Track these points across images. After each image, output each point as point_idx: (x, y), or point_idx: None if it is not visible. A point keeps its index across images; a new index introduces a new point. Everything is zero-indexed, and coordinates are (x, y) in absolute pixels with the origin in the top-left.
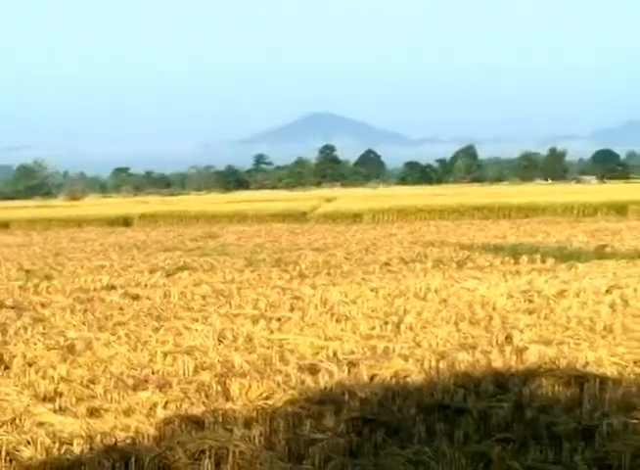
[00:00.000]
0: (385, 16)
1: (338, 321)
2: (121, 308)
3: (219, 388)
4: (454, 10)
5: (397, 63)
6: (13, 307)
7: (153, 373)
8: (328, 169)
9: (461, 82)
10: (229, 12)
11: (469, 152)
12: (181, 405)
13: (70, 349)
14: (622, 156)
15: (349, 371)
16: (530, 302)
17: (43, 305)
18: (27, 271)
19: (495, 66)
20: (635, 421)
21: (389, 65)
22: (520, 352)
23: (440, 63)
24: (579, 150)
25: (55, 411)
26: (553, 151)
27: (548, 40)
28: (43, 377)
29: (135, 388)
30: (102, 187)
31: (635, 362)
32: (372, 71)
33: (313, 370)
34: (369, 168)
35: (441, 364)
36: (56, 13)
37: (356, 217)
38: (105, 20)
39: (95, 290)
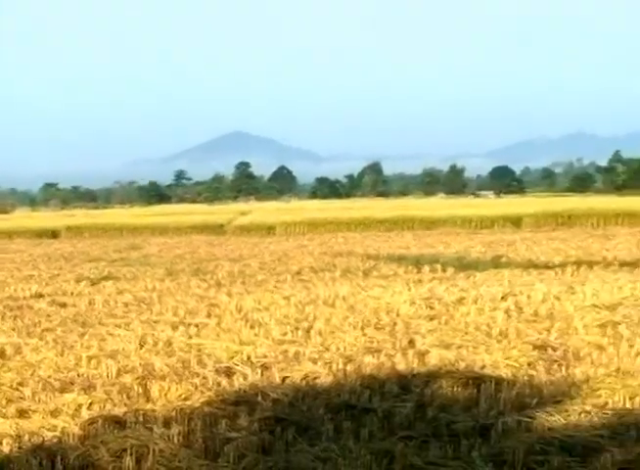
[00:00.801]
0: (295, 37)
1: (252, 327)
2: (49, 315)
3: (140, 390)
4: (363, 28)
5: (308, 84)
6: None
7: (78, 376)
8: (243, 185)
9: (368, 103)
10: (153, 34)
11: (375, 168)
12: (104, 406)
13: (1, 353)
14: (518, 172)
15: (262, 374)
16: (432, 308)
17: None
18: None
19: (400, 90)
20: (528, 419)
21: (301, 86)
22: (422, 355)
23: (348, 84)
24: (477, 167)
25: None
26: (453, 167)
27: (450, 70)
28: None
29: (61, 390)
30: (31, 201)
31: (528, 365)
32: (284, 92)
33: (229, 373)
34: (282, 184)
35: (348, 367)
36: None
37: (270, 230)
38: (34, 38)
39: (24, 298)
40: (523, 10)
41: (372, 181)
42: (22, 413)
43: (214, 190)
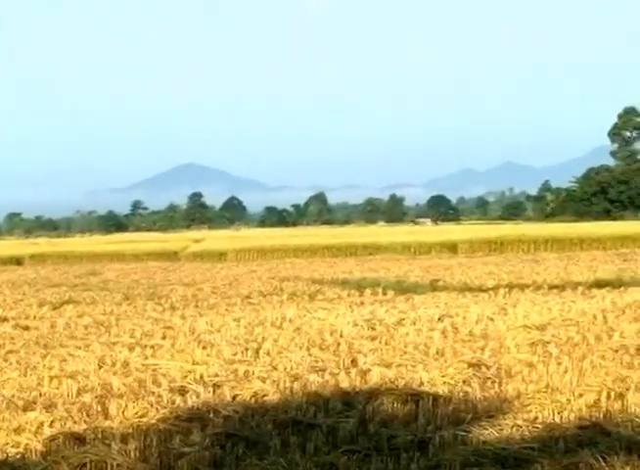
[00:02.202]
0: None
1: (204, 348)
2: (13, 338)
3: (99, 408)
4: (310, 60)
5: (256, 117)
6: None
7: (40, 395)
8: (196, 214)
9: (313, 135)
10: (109, 67)
11: (320, 198)
12: (65, 424)
13: None
14: (453, 201)
15: (214, 392)
16: (373, 329)
17: None
18: None
19: (342, 123)
20: (464, 433)
21: (250, 119)
22: (364, 373)
23: (295, 117)
24: (416, 196)
25: None
26: (393, 197)
27: (385, 104)
28: None
29: (24, 408)
30: None
31: (464, 382)
32: (233, 125)
33: (182, 391)
34: (233, 213)
35: (295, 385)
36: None
37: (221, 256)
38: None
39: None
40: (458, 43)
41: (317, 210)
42: None
43: (169, 219)
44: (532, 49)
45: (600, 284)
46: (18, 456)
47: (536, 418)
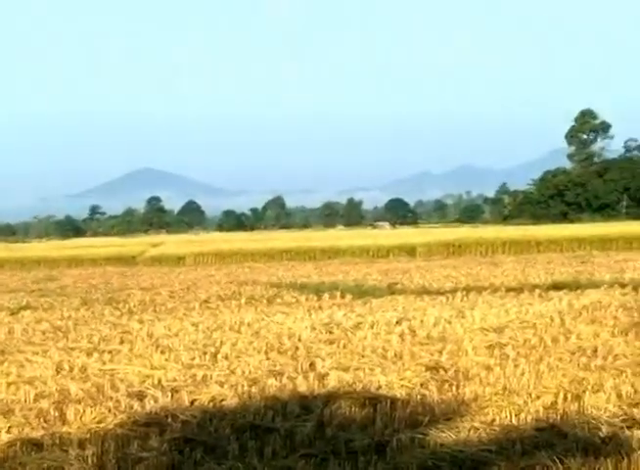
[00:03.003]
0: (201, 77)
1: (162, 352)
2: None
3: (57, 413)
4: (270, 68)
5: (214, 122)
6: None
7: None
8: (154, 218)
9: (271, 139)
10: (64, 71)
11: (278, 202)
12: (23, 430)
13: None
14: (412, 204)
15: (172, 397)
16: (331, 333)
17: None
18: None
19: (297, 127)
20: (421, 436)
21: (207, 123)
22: (322, 377)
23: (252, 122)
24: (374, 199)
25: None
26: (351, 200)
27: (343, 107)
28: None
29: None
30: None
31: (421, 385)
32: (191, 129)
33: (140, 396)
34: (191, 217)
35: (253, 389)
36: None
37: (180, 260)
38: None
39: None
40: (413, 48)
41: (275, 214)
42: None
43: (127, 223)
44: (487, 51)
45: (557, 286)
46: None
47: (493, 420)
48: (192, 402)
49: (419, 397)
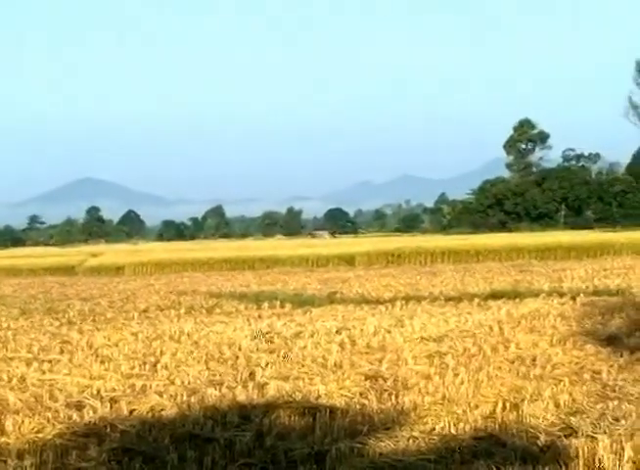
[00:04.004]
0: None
1: (102, 362)
2: None
3: None
4: (209, 80)
5: (153, 131)
6: None
7: None
8: (94, 228)
9: (211, 148)
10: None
11: (218, 211)
12: None
13: None
14: (351, 214)
15: (111, 407)
16: (271, 342)
17: None
18: None
19: (238, 136)
20: (360, 445)
21: (146, 133)
22: (261, 387)
23: (190, 130)
24: (314, 209)
25: None
26: (291, 210)
27: (282, 117)
28: None
29: None
30: None
31: (361, 394)
32: (130, 139)
33: (79, 406)
34: (130, 227)
35: (192, 399)
36: None
37: (119, 270)
38: None
39: None
40: (348, 57)
41: (215, 224)
42: None
43: (66, 233)
44: (425, 61)
45: (496, 295)
46: None
47: (433, 429)
48: (131, 412)
49: (358, 406)
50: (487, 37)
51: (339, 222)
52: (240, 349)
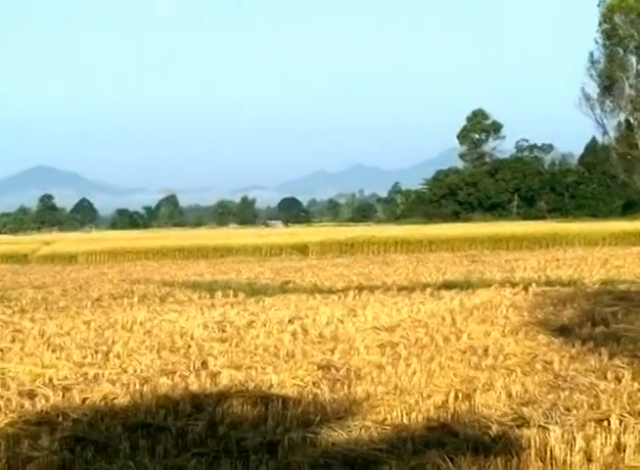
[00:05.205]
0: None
1: (54, 351)
2: None
3: None
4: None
5: (106, 118)
6: None
7: None
8: (47, 216)
9: (155, 136)
10: None
11: (171, 200)
12: None
13: None
14: (305, 203)
15: (64, 395)
16: (224, 331)
17: None
18: None
19: (190, 123)
20: (313, 435)
21: (99, 120)
22: (214, 376)
23: (145, 117)
24: (267, 198)
25: None
26: (245, 199)
27: (231, 106)
28: None
29: None
30: None
31: (313, 384)
32: (83, 128)
33: (31, 395)
34: (84, 215)
35: (145, 388)
36: None
37: (72, 259)
38: None
39: None
40: (301, 50)
41: (168, 212)
42: None
43: (19, 221)
44: (381, 52)
45: (448, 285)
46: None
47: (385, 419)
48: (83, 401)
49: (311, 396)
50: (439, 27)
51: (292, 212)
52: (192, 338)
